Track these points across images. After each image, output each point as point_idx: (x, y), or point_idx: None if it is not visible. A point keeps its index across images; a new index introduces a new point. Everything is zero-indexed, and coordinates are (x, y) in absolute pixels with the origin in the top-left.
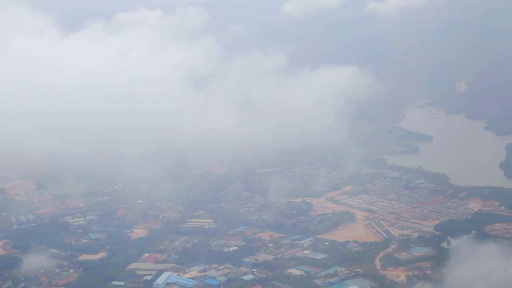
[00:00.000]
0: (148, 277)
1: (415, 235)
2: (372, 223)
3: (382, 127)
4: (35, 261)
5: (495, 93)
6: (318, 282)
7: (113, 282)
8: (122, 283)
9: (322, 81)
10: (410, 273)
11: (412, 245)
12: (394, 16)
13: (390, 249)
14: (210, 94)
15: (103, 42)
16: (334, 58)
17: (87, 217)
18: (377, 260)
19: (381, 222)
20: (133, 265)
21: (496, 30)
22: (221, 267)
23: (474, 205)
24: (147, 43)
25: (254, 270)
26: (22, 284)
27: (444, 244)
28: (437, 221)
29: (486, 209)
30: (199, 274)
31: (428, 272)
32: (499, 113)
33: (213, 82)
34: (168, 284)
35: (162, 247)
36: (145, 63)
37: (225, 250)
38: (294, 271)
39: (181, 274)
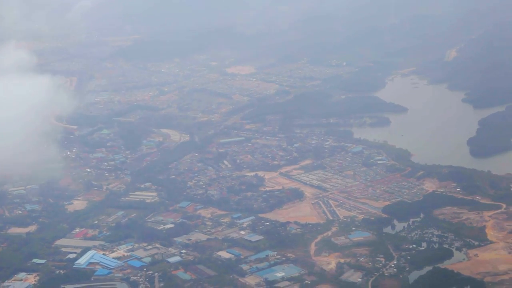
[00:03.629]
0: (72, 256)
1: (361, 217)
2: (320, 202)
3: (358, 96)
4: None
5: (483, 63)
6: (245, 267)
7: (34, 260)
8: (43, 261)
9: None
10: (342, 260)
11: (354, 228)
12: None
13: (329, 233)
14: None
15: None
16: None
17: (27, 186)
18: (313, 245)
19: (330, 201)
20: (60, 241)
21: None
22: (150, 247)
23: (430, 186)
24: None
25: (183, 251)
26: None
27: (388, 229)
28: (388, 202)
29: (441, 190)
30: (126, 254)
31: (361, 260)
32: (480, 84)
33: None
34: (90, 263)
35: (96, 222)
36: None
37: (159, 228)
38: (223, 254)
39: (107, 253)
